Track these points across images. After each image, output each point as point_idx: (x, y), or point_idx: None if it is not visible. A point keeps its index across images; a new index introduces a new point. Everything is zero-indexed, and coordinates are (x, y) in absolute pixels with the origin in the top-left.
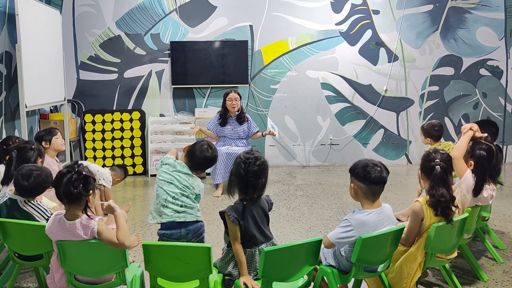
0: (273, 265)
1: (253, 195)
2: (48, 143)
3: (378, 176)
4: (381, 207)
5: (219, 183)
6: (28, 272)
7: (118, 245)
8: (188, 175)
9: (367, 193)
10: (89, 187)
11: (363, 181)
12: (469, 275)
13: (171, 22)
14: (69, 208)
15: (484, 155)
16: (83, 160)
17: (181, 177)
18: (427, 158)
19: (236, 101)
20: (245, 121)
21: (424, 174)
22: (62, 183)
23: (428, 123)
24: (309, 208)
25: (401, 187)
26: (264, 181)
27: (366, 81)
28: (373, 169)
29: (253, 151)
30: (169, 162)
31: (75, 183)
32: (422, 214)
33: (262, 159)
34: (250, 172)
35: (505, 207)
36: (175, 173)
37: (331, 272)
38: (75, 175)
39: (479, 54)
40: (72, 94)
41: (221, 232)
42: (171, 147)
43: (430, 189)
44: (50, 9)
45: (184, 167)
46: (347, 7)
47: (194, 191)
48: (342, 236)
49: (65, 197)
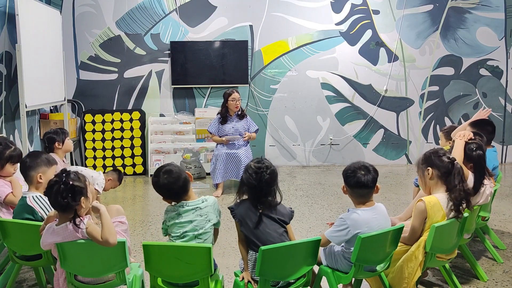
0: (270, 264)
1: (267, 203)
2: (61, 144)
3: (360, 181)
4: (373, 206)
5: (218, 183)
6: (28, 272)
7: (102, 242)
8: (192, 210)
9: (353, 196)
10: (77, 196)
11: (347, 184)
12: (469, 275)
13: (171, 22)
14: (62, 215)
15: (481, 154)
16: (83, 160)
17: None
18: (438, 154)
19: (239, 101)
20: (245, 116)
21: (438, 170)
22: (52, 192)
23: (449, 126)
24: (309, 208)
25: (401, 187)
26: (275, 188)
27: (366, 81)
28: (354, 174)
29: (263, 160)
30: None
31: (64, 194)
32: (425, 214)
33: (273, 167)
34: (262, 182)
35: (505, 207)
36: (178, 227)
37: (331, 272)
38: (62, 185)
39: (479, 54)
40: (72, 94)
41: (221, 232)
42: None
43: (457, 184)
44: (50, 9)
45: (180, 207)
46: (347, 7)
47: (208, 226)
48: (336, 235)
49: (55, 206)
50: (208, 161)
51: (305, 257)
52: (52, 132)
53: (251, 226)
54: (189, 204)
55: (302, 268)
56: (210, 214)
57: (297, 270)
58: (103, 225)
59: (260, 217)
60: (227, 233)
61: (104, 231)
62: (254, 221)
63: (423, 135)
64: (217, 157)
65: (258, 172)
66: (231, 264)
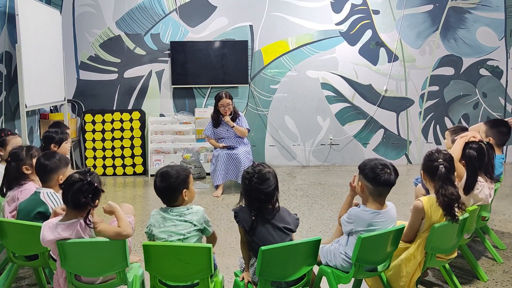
0: (270, 264)
1: (262, 207)
2: (57, 146)
3: (387, 178)
4: (385, 209)
5: (219, 184)
6: (28, 271)
7: (116, 236)
8: (174, 219)
9: (373, 194)
10: (96, 198)
11: (371, 182)
12: (469, 275)
13: (171, 22)
14: (71, 212)
15: (473, 154)
16: (83, 160)
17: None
18: (430, 158)
19: (228, 107)
20: (237, 117)
21: (427, 175)
22: (72, 189)
23: (455, 126)
24: (309, 208)
25: (401, 187)
26: (272, 192)
27: (366, 81)
28: (383, 171)
29: (257, 165)
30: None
31: (85, 193)
32: (422, 213)
33: (263, 171)
34: (252, 186)
35: (505, 207)
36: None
37: (331, 272)
38: (86, 185)
39: (479, 54)
40: (72, 94)
41: (221, 232)
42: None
43: (439, 189)
44: (50, 9)
45: (164, 212)
46: (347, 7)
47: (193, 229)
48: (345, 224)
49: (71, 202)
50: (208, 161)
51: (305, 257)
52: (52, 131)
53: (254, 233)
54: (173, 210)
55: (302, 268)
56: (194, 221)
57: (297, 270)
58: (120, 218)
59: (253, 223)
60: (227, 233)
61: (122, 223)
62: (255, 228)
63: (423, 135)
64: (217, 158)
65: (246, 177)
66: (231, 264)
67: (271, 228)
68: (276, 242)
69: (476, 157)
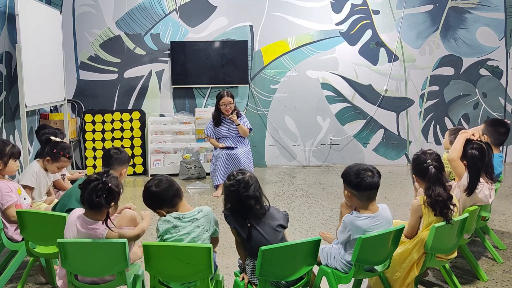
0: (270, 264)
1: (255, 212)
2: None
3: (370, 181)
4: (377, 212)
5: (219, 184)
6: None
7: (135, 237)
8: (189, 222)
9: (361, 199)
10: (111, 200)
11: (356, 188)
12: (469, 275)
13: (171, 22)
14: (89, 212)
15: (476, 154)
16: (83, 160)
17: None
18: (418, 161)
19: (230, 105)
20: (239, 116)
21: (419, 177)
22: (88, 188)
23: (455, 128)
24: (309, 208)
25: (401, 187)
26: (258, 194)
27: (366, 81)
28: (365, 175)
29: (236, 174)
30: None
31: (99, 193)
32: (420, 212)
33: (246, 179)
34: (242, 196)
35: (505, 207)
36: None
37: (331, 272)
38: (100, 184)
39: (479, 54)
40: (72, 94)
41: (221, 232)
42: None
43: (426, 190)
44: (50, 9)
45: (176, 219)
46: (347, 7)
47: (206, 236)
48: (340, 235)
49: (86, 202)
50: (208, 161)
51: (305, 257)
52: (51, 132)
53: (245, 237)
54: (185, 216)
55: (302, 268)
56: (207, 224)
57: (297, 270)
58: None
59: (250, 229)
60: (227, 233)
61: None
62: (246, 233)
63: (423, 135)
64: (217, 158)
65: (226, 185)
66: (231, 264)
67: (265, 227)
68: (270, 240)
69: (478, 157)
